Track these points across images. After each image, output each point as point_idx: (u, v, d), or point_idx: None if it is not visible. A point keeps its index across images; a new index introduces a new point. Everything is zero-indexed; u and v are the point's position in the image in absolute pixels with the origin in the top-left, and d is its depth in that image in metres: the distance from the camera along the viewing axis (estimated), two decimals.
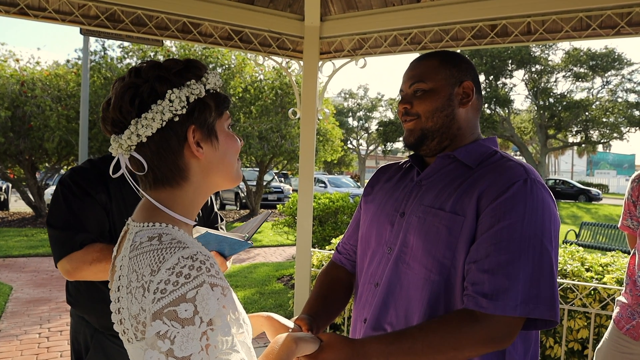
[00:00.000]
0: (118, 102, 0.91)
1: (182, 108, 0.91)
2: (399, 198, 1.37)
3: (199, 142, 0.94)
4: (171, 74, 0.92)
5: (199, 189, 0.97)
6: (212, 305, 0.78)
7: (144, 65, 0.94)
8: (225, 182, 1.01)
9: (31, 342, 4.65)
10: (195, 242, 0.90)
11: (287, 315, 5.48)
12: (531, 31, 3.04)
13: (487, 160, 1.30)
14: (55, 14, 3.06)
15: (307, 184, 3.56)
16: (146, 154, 0.91)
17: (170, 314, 0.77)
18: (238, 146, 1.02)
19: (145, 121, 0.89)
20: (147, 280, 0.81)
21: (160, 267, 0.80)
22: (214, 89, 0.97)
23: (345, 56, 3.55)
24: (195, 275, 0.79)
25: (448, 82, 1.33)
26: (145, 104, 0.90)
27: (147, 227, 0.91)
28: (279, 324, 1.24)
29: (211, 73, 0.97)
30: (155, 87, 0.90)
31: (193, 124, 0.92)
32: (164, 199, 0.94)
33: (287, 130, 13.64)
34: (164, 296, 0.78)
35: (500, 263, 1.12)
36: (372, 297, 1.33)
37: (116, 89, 0.92)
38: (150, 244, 0.85)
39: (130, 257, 0.87)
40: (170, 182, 0.94)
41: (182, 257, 0.81)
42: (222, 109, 0.98)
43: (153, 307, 0.78)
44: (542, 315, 1.11)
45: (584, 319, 3.39)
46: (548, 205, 1.18)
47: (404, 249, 1.28)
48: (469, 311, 1.13)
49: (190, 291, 0.78)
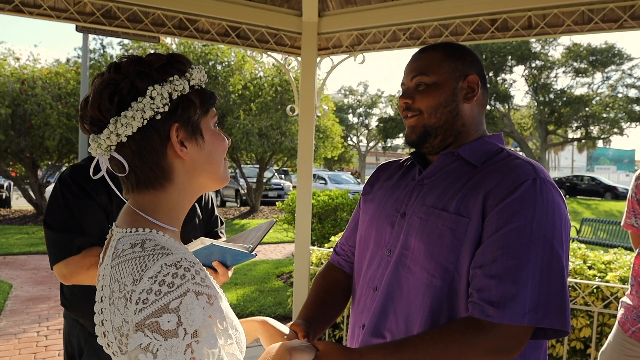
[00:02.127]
0: (96, 99, 0.86)
1: (164, 105, 0.86)
2: (400, 197, 1.31)
3: (183, 141, 0.89)
4: (153, 69, 0.87)
5: (185, 191, 0.92)
6: (197, 315, 0.74)
7: (125, 60, 0.89)
8: (212, 183, 0.96)
9: (29, 341, 4.62)
10: (180, 247, 0.85)
11: (286, 314, 5.45)
12: (532, 25, 2.99)
13: (493, 158, 1.23)
14: (51, 11, 3.03)
15: (306, 181, 3.53)
16: (127, 154, 0.87)
17: (153, 326, 0.73)
18: (225, 145, 0.97)
19: (125, 120, 0.84)
20: (129, 290, 0.77)
21: (143, 276, 0.76)
22: (199, 84, 0.92)
23: (344, 52, 3.51)
24: (178, 283, 0.75)
25: (452, 75, 1.26)
26: (125, 102, 0.85)
27: (130, 233, 0.86)
28: (273, 330, 1.19)
29: (196, 68, 0.92)
30: (135, 84, 0.85)
31: (176, 122, 0.88)
32: (148, 202, 0.90)
33: (287, 127, 13.59)
34: (146, 306, 0.74)
35: (508, 268, 1.06)
36: (370, 302, 1.28)
37: (95, 85, 0.88)
38: (133, 251, 0.81)
39: (113, 265, 0.83)
40: (153, 184, 0.89)
41: (165, 265, 0.77)
42: (208, 106, 0.93)
43: (135, 318, 0.74)
44: (552, 325, 1.05)
45: (586, 318, 3.36)
46: (558, 206, 1.12)
47: (405, 252, 1.22)
48: (474, 320, 1.07)
49: (174, 301, 0.74)
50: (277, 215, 9.56)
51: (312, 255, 4.31)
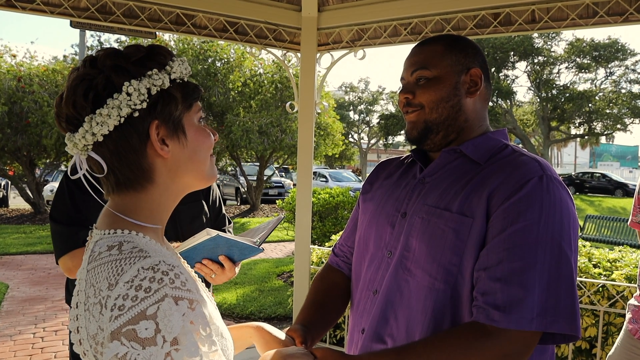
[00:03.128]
0: (71, 96, 0.81)
1: (141, 102, 0.80)
2: (400, 197, 1.25)
3: (164, 139, 0.84)
4: (130, 63, 0.82)
5: (167, 191, 0.87)
6: (176, 321, 0.70)
7: (101, 52, 0.83)
8: (197, 182, 0.91)
9: (25, 343, 4.58)
10: (160, 250, 0.80)
11: (286, 313, 5.40)
12: (535, 19, 2.94)
13: (497, 155, 1.18)
14: (44, 6, 2.97)
15: (306, 179, 3.47)
16: (105, 154, 0.82)
17: (129, 334, 0.69)
18: (211, 141, 0.91)
19: (100, 118, 0.79)
20: (105, 296, 0.72)
21: (118, 280, 0.72)
22: (181, 78, 0.86)
23: (344, 47, 3.46)
24: (156, 288, 0.71)
25: (454, 69, 1.21)
26: (100, 98, 0.80)
27: (108, 235, 0.81)
28: (269, 336, 1.14)
29: (177, 60, 0.86)
30: (111, 79, 0.80)
31: (156, 119, 0.82)
32: (128, 203, 0.85)
33: (287, 125, 13.54)
34: (122, 313, 0.70)
35: (514, 271, 1.00)
36: (370, 305, 1.22)
37: (69, 81, 0.82)
38: (110, 253, 0.77)
39: (89, 269, 0.78)
40: (133, 184, 0.84)
41: (142, 268, 0.72)
42: (191, 101, 0.88)
43: (111, 326, 0.70)
44: (562, 330, 0.99)
45: (592, 317, 3.30)
46: (566, 204, 1.07)
47: (406, 254, 1.17)
48: (480, 325, 1.02)
49: (151, 307, 0.69)
50: (278, 213, 9.51)
51: (312, 254, 4.26)
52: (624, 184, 26.46)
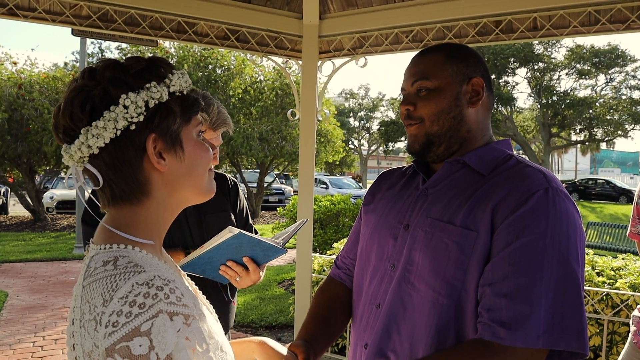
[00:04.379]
0: (68, 107, 0.80)
1: (138, 115, 0.80)
2: (403, 208, 1.23)
3: (161, 152, 0.83)
4: (129, 75, 0.81)
5: (164, 206, 0.86)
6: (170, 338, 0.69)
7: (100, 64, 0.83)
8: (195, 196, 0.90)
9: (25, 352, 4.54)
10: (156, 264, 0.79)
11: (288, 322, 5.37)
12: (537, 27, 2.94)
13: (502, 166, 1.15)
14: (46, 14, 2.97)
15: (307, 187, 3.46)
16: (100, 166, 0.81)
17: (123, 351, 0.68)
18: (209, 156, 0.90)
19: (95, 130, 0.78)
20: (99, 312, 0.72)
21: (113, 296, 0.71)
22: (180, 91, 0.85)
23: (345, 55, 3.45)
24: (150, 304, 0.70)
25: (455, 79, 1.18)
26: (97, 110, 0.79)
27: (104, 250, 0.80)
28: (272, 351, 1.12)
29: (177, 73, 0.85)
30: (108, 91, 0.80)
31: (153, 133, 0.82)
32: (124, 216, 0.84)
33: (287, 132, 13.55)
34: (116, 330, 0.69)
35: (520, 286, 0.98)
36: (373, 319, 1.20)
37: (68, 91, 0.81)
38: (105, 269, 0.76)
39: (84, 285, 0.77)
40: (129, 198, 0.83)
41: (137, 284, 0.71)
42: (190, 114, 0.87)
43: (105, 342, 0.69)
44: (569, 347, 0.97)
45: (596, 326, 3.27)
46: (573, 217, 1.04)
47: (409, 267, 1.14)
48: (485, 342, 0.99)
49: (145, 323, 0.69)
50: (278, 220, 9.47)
51: (314, 262, 4.23)
52: (628, 190, 26.25)
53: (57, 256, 9.09)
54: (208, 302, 0.97)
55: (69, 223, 13.69)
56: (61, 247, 9.99)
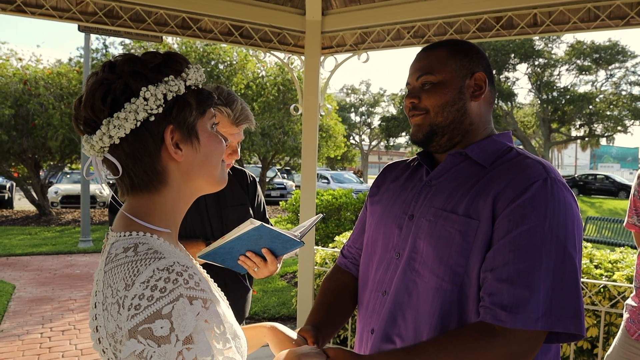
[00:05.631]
0: (90, 99, 0.84)
1: (158, 107, 0.84)
2: (407, 199, 1.28)
3: (178, 143, 0.87)
4: (148, 69, 0.85)
5: (180, 194, 0.90)
6: (190, 320, 0.73)
7: (120, 58, 0.87)
8: (208, 186, 0.94)
9: (33, 342, 4.62)
10: (174, 251, 0.83)
11: (290, 314, 5.44)
12: (537, 23, 2.98)
13: (502, 157, 1.20)
14: (53, 11, 3.02)
15: (310, 181, 3.51)
16: (120, 156, 0.85)
17: (146, 332, 0.72)
18: (223, 147, 0.94)
19: (117, 121, 0.82)
20: (122, 296, 0.76)
21: (135, 281, 0.75)
22: (196, 84, 0.89)
23: (348, 51, 3.50)
24: (171, 288, 0.74)
25: (458, 73, 1.23)
26: (118, 102, 0.83)
27: (124, 237, 0.84)
28: (283, 335, 1.17)
29: (193, 67, 0.89)
30: (129, 84, 0.83)
31: (171, 124, 0.85)
32: (142, 205, 0.88)
33: (289, 127, 13.58)
34: (138, 312, 0.73)
35: (520, 272, 1.03)
36: (379, 306, 1.25)
37: (89, 85, 0.86)
38: (125, 255, 0.80)
39: (106, 270, 0.81)
40: (147, 187, 0.87)
41: (157, 269, 0.75)
42: (205, 107, 0.91)
43: (128, 324, 0.73)
44: (567, 329, 1.02)
45: (593, 317, 3.33)
46: (570, 206, 1.09)
47: (414, 255, 1.19)
48: (487, 325, 1.04)
49: (166, 306, 0.72)
50: (281, 214, 9.54)
51: (316, 255, 4.29)
52: (627, 185, 26.20)
53: (63, 250, 9.16)
54: (219, 290, 1.01)
55: (74, 217, 13.77)
56: (66, 241, 10.07)
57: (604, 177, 27.98)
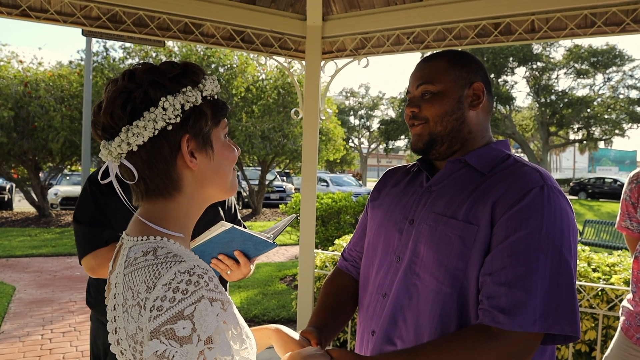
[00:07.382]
0: (109, 106, 0.86)
1: (175, 116, 0.86)
2: (408, 204, 1.32)
3: (193, 152, 0.89)
4: (166, 79, 0.87)
5: (193, 201, 0.93)
6: (211, 321, 0.75)
7: (139, 67, 0.89)
8: (220, 193, 0.96)
9: (34, 344, 4.63)
10: (192, 255, 0.86)
11: (290, 317, 5.46)
12: (535, 29, 3.01)
13: (500, 165, 1.24)
14: (57, 16, 3.05)
15: (310, 184, 3.54)
16: (137, 162, 0.87)
17: (168, 332, 0.74)
18: (235, 156, 0.97)
19: (136, 129, 0.84)
20: (143, 298, 0.78)
21: (156, 283, 0.77)
22: (212, 95, 0.92)
23: (348, 56, 3.53)
24: (192, 290, 0.76)
25: (457, 83, 1.27)
26: (137, 111, 0.85)
27: (141, 242, 0.87)
28: (287, 337, 1.20)
29: (209, 79, 0.92)
30: (148, 93, 0.86)
31: (187, 133, 0.88)
32: (157, 210, 0.90)
33: (289, 130, 13.62)
34: (161, 314, 0.75)
35: (518, 275, 1.07)
36: (380, 308, 1.28)
37: (108, 92, 0.88)
38: (145, 259, 0.82)
39: (125, 273, 0.84)
40: (162, 193, 0.90)
41: (179, 272, 0.78)
42: (219, 117, 0.94)
43: (150, 325, 0.75)
44: (562, 331, 1.06)
45: (591, 320, 3.36)
46: (566, 213, 1.14)
47: (414, 259, 1.23)
48: (485, 327, 1.08)
49: (188, 307, 0.75)
50: (280, 217, 9.56)
51: (316, 258, 4.32)
52: None
53: (62, 251, 9.18)
54: None
55: None
56: (66, 243, 10.07)
57: (612, 181, 27.88)
